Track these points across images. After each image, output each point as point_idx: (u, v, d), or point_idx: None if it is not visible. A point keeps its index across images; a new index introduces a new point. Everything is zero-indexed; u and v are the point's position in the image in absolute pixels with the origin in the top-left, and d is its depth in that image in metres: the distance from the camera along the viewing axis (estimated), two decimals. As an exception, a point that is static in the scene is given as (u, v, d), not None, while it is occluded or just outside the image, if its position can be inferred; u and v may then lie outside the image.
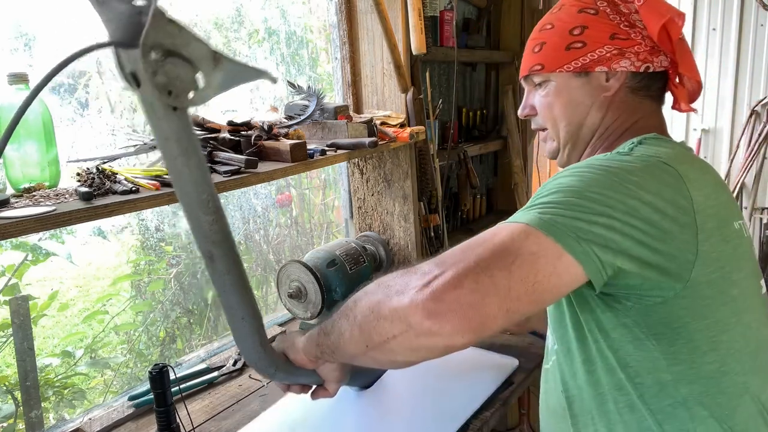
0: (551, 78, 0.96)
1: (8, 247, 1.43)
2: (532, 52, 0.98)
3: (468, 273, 0.64)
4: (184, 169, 0.59)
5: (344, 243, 1.81)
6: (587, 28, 0.92)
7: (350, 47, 1.89)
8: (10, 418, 1.40)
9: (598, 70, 0.92)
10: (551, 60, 0.95)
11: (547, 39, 0.96)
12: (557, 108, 0.97)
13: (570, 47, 0.93)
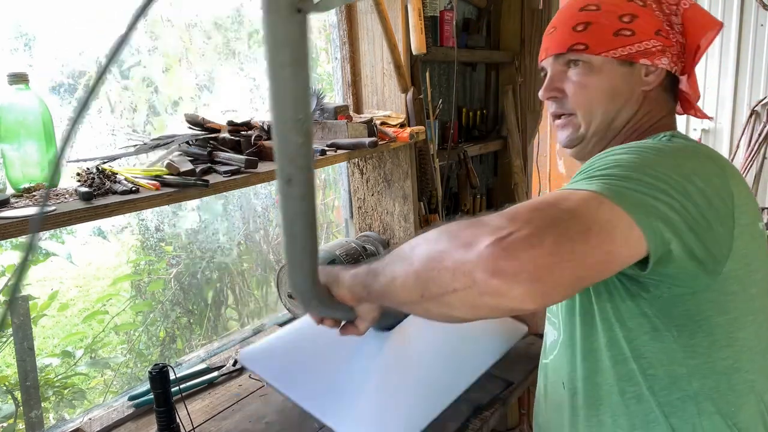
0: (593, 61, 0.90)
1: (8, 247, 1.43)
2: (572, 30, 0.91)
3: (548, 233, 0.59)
4: (290, 81, 0.54)
5: (344, 243, 1.80)
6: (637, 17, 0.89)
7: (350, 47, 1.89)
8: (10, 418, 1.40)
9: (641, 62, 0.89)
10: (597, 42, 0.89)
11: (594, 20, 0.90)
12: (596, 93, 0.91)
13: (618, 33, 0.89)
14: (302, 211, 0.64)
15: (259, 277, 2.04)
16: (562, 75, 0.94)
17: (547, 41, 0.96)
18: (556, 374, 0.94)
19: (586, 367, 0.87)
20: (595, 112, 0.92)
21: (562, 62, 0.94)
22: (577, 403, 0.89)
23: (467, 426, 1.22)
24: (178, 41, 1.62)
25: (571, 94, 0.93)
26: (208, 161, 1.24)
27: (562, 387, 0.92)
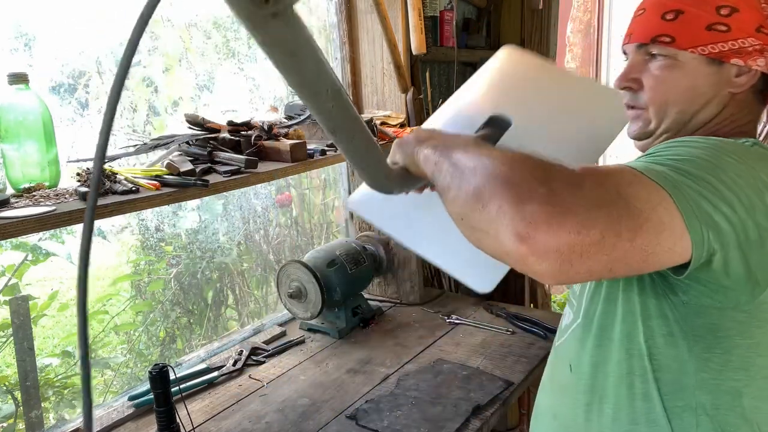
0: (678, 56, 0.82)
1: (8, 247, 1.43)
2: (661, 18, 0.83)
3: (597, 223, 0.56)
4: (298, 68, 0.56)
5: (344, 243, 1.81)
6: (738, 11, 0.80)
7: (350, 47, 1.89)
8: (10, 418, 1.40)
9: (732, 62, 0.81)
10: (686, 35, 0.81)
11: (686, 9, 0.81)
12: (675, 90, 0.84)
13: (712, 27, 0.80)
14: (356, 128, 0.69)
15: (259, 277, 2.04)
16: (641, 65, 0.86)
17: (633, 25, 0.88)
18: (565, 356, 0.92)
19: (597, 354, 0.85)
20: (669, 111, 0.85)
21: (644, 52, 0.86)
22: (580, 388, 0.87)
23: (467, 426, 1.22)
24: (178, 41, 1.62)
25: (648, 88, 0.86)
26: (208, 161, 1.25)
27: (569, 369, 0.90)
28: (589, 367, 0.87)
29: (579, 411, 0.88)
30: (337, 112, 0.63)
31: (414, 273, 1.90)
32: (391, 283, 1.98)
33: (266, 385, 1.44)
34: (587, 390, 0.87)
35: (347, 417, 1.27)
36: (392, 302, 1.96)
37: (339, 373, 1.48)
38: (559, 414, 0.93)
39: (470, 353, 1.55)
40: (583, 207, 0.57)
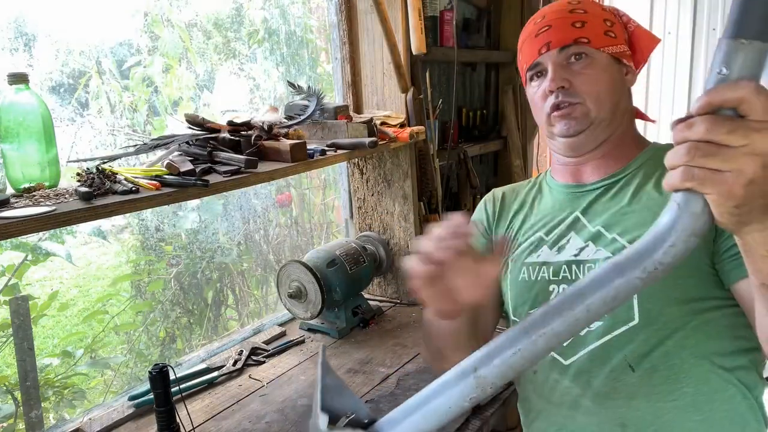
0: (595, 54, 0.96)
1: (8, 247, 1.43)
2: (571, 26, 0.97)
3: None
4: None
5: (344, 243, 1.81)
6: (614, 24, 0.99)
7: (350, 47, 1.89)
8: (10, 418, 1.40)
9: (624, 62, 0.99)
10: (596, 38, 0.96)
11: (587, 20, 0.97)
12: (603, 84, 0.96)
13: (607, 33, 0.97)
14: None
15: (259, 277, 2.04)
16: (566, 67, 0.96)
17: (544, 38, 0.98)
18: (613, 361, 0.90)
19: (671, 345, 0.87)
20: (603, 99, 0.96)
21: (564, 56, 0.96)
22: (655, 381, 0.88)
23: (467, 426, 1.22)
24: (178, 41, 1.62)
25: (581, 84, 0.95)
26: (208, 161, 1.24)
27: (630, 371, 0.88)
28: (661, 358, 0.87)
29: (661, 403, 0.88)
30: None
31: (414, 273, 1.90)
32: (391, 283, 1.98)
33: (266, 385, 1.44)
34: (665, 380, 0.87)
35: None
36: (392, 302, 1.96)
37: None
38: (629, 418, 0.89)
39: (470, 353, 1.55)
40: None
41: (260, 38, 1.88)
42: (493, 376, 0.58)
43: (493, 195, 1.16)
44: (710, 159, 0.50)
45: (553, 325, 0.56)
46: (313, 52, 2.05)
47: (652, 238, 0.55)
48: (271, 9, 1.90)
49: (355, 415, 0.69)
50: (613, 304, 0.56)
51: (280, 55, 1.94)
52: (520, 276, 1.01)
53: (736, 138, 0.49)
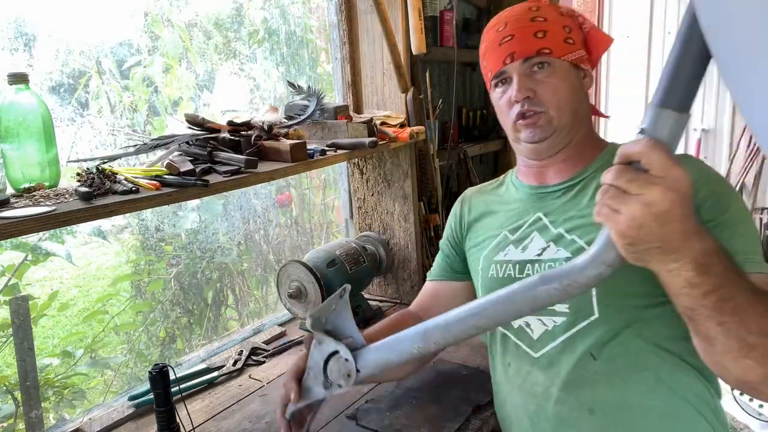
0: (556, 64, 1.01)
1: (8, 247, 1.43)
2: (533, 36, 1.01)
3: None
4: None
5: (344, 243, 1.81)
6: (572, 30, 1.03)
7: (350, 47, 1.89)
8: (10, 418, 1.40)
9: (582, 67, 1.04)
10: (557, 47, 1.01)
11: (548, 29, 1.01)
12: (564, 92, 1.01)
13: (566, 41, 1.02)
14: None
15: (259, 277, 2.04)
16: (529, 77, 1.02)
17: (507, 48, 1.03)
18: (577, 353, 0.97)
19: (629, 333, 0.94)
20: (564, 108, 1.02)
21: (528, 66, 1.02)
22: (617, 368, 0.95)
23: (467, 426, 1.22)
24: (178, 41, 1.63)
25: (544, 92, 1.01)
26: (208, 161, 1.24)
27: (591, 360, 0.96)
28: (618, 348, 0.95)
29: (622, 387, 0.95)
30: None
31: (414, 273, 1.90)
32: (391, 283, 1.98)
33: (266, 385, 1.44)
34: (625, 366, 0.94)
35: (347, 417, 1.27)
36: (392, 302, 1.96)
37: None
38: (596, 402, 0.96)
39: (470, 353, 1.55)
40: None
41: (260, 38, 1.88)
42: (436, 337, 0.79)
43: (463, 197, 1.28)
44: (613, 200, 0.63)
45: (489, 311, 0.75)
46: (313, 52, 2.05)
47: (578, 261, 0.69)
48: (271, 9, 1.90)
49: (354, 340, 0.88)
50: (534, 304, 0.72)
51: (280, 55, 1.94)
52: (489, 273, 1.10)
53: (634, 187, 0.61)
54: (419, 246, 1.90)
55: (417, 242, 1.89)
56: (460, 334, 0.78)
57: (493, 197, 1.20)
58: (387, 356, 0.85)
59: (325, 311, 0.90)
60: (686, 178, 0.61)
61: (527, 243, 1.06)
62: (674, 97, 0.61)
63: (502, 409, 1.13)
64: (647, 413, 0.94)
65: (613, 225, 0.64)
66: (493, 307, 0.74)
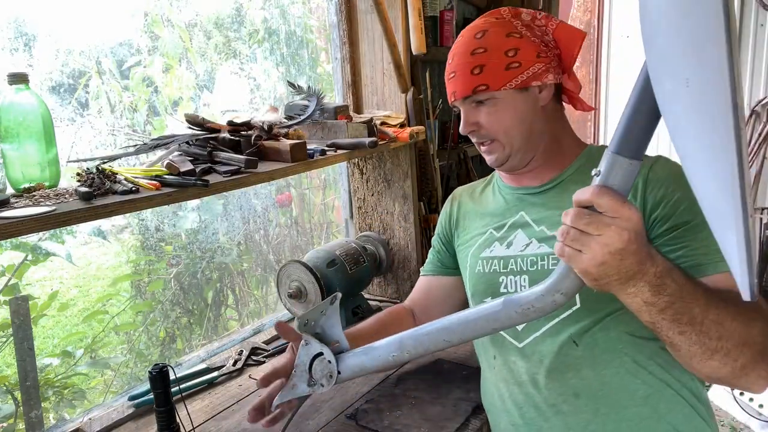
0: (495, 95, 1.06)
1: (8, 247, 1.43)
2: (470, 74, 1.05)
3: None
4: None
5: (344, 243, 1.80)
6: (519, 49, 1.04)
7: (350, 47, 1.89)
8: (10, 418, 1.40)
9: (534, 85, 1.05)
10: (494, 79, 1.04)
11: (485, 61, 1.05)
12: (507, 120, 1.06)
13: (509, 67, 1.04)
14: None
15: (259, 277, 2.04)
16: (474, 111, 1.09)
17: (451, 86, 1.10)
18: (558, 340, 1.01)
19: (608, 320, 0.98)
20: (512, 134, 1.07)
21: (470, 102, 1.08)
22: (597, 352, 0.99)
23: (467, 426, 1.22)
24: (178, 41, 1.63)
25: (488, 124, 1.07)
26: (208, 161, 1.24)
27: (574, 346, 1.00)
28: (599, 334, 0.99)
29: (604, 371, 0.98)
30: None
31: (414, 273, 1.90)
32: (391, 283, 1.98)
33: (266, 385, 1.44)
34: (605, 351, 0.98)
35: (347, 417, 1.27)
36: (392, 302, 1.96)
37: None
38: (580, 387, 1.00)
39: (470, 353, 1.55)
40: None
41: (260, 38, 1.88)
42: (410, 347, 0.89)
43: (453, 195, 1.33)
44: (574, 242, 0.70)
45: (457, 330, 0.85)
46: (313, 52, 2.05)
47: (537, 288, 0.77)
48: (271, 9, 1.90)
49: (339, 345, 0.97)
50: (496, 325, 0.82)
51: (280, 55, 1.94)
52: (476, 269, 1.15)
53: (593, 228, 0.69)
54: (419, 246, 1.90)
55: (417, 242, 1.89)
56: (431, 346, 0.88)
57: (480, 196, 1.26)
58: (365, 362, 0.94)
59: (314, 315, 0.98)
60: (636, 215, 0.69)
61: (511, 240, 1.11)
62: (628, 146, 0.67)
63: (489, 400, 1.17)
64: (630, 395, 0.97)
65: (576, 264, 0.71)
66: (460, 326, 0.84)
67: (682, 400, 0.98)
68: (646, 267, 0.72)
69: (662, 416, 0.97)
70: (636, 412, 0.97)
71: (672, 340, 0.78)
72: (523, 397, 1.06)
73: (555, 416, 1.02)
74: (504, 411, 1.10)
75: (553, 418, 1.02)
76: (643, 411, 0.97)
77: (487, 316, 0.81)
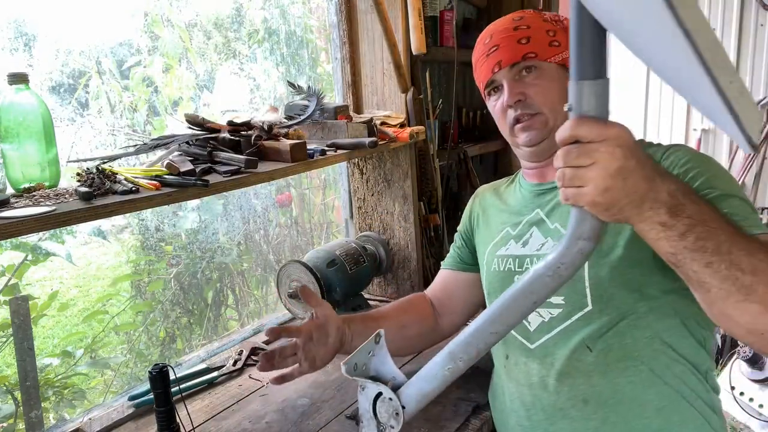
0: (544, 66, 1.05)
1: (8, 247, 1.43)
2: (517, 43, 1.05)
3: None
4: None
5: (344, 243, 1.80)
6: (556, 33, 1.06)
7: (350, 47, 1.89)
8: (10, 418, 1.40)
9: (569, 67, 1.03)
10: (542, 50, 1.04)
11: (531, 35, 1.05)
12: (555, 93, 1.04)
13: (551, 44, 1.05)
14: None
15: (259, 277, 2.04)
16: (519, 83, 1.06)
17: (494, 58, 1.07)
18: (571, 344, 0.99)
19: (624, 326, 0.96)
20: (558, 108, 1.04)
21: (516, 71, 1.06)
22: (611, 360, 0.96)
23: (467, 426, 1.22)
24: (178, 41, 1.63)
25: (535, 95, 1.05)
26: (208, 161, 1.24)
27: (587, 352, 0.98)
28: (614, 340, 0.96)
29: (618, 380, 0.96)
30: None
31: (414, 273, 1.90)
32: (391, 283, 1.98)
33: (266, 385, 1.44)
34: (620, 359, 0.96)
35: (347, 417, 1.27)
36: (392, 302, 1.96)
37: (339, 373, 1.48)
38: (590, 393, 0.98)
39: (470, 353, 1.55)
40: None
41: (260, 38, 1.88)
42: (460, 353, 0.84)
43: (476, 193, 1.32)
44: (572, 180, 0.67)
45: (499, 317, 0.79)
46: (313, 52, 2.05)
47: (558, 245, 0.72)
48: (271, 9, 1.90)
49: (395, 380, 0.93)
50: (535, 297, 0.75)
51: (280, 55, 1.94)
52: (492, 267, 1.14)
53: (584, 159, 0.65)
54: (419, 246, 1.90)
55: (417, 242, 1.89)
56: (481, 344, 0.82)
57: (502, 195, 1.24)
58: (424, 387, 0.89)
59: (361, 358, 0.95)
60: (623, 130, 0.65)
61: (527, 238, 1.09)
62: (587, 68, 0.64)
63: (499, 399, 1.16)
64: (642, 406, 0.95)
65: (583, 201, 0.67)
66: (502, 314, 0.79)
67: (696, 413, 0.96)
68: (656, 184, 0.67)
69: (673, 427, 0.94)
70: (646, 423, 0.95)
71: (699, 278, 0.69)
72: (531, 398, 1.05)
73: (562, 420, 1.01)
74: (512, 411, 1.09)
75: (560, 422, 1.01)
76: (654, 423, 0.95)
77: (523, 292, 0.76)
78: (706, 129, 3.66)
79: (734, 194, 0.88)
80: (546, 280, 0.73)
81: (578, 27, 0.64)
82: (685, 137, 3.74)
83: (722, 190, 0.88)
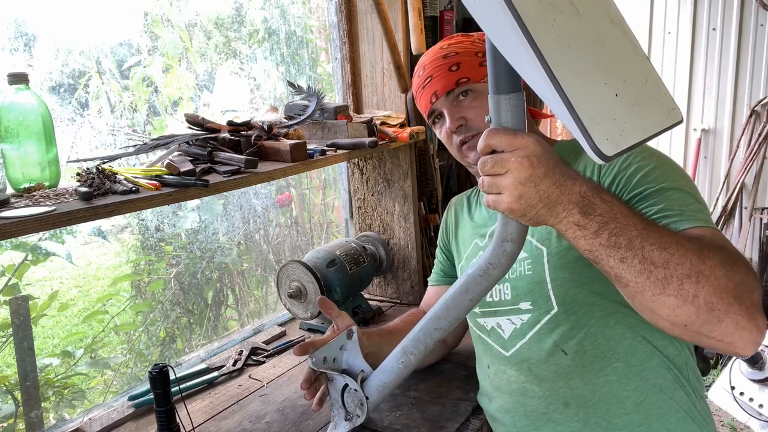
0: (477, 87, 1.09)
1: (8, 247, 1.43)
2: (449, 71, 1.09)
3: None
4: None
5: (344, 243, 1.80)
6: (485, 53, 1.07)
7: (350, 47, 1.89)
8: (10, 418, 1.40)
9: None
10: (473, 73, 1.09)
11: (460, 60, 1.10)
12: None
13: (481, 65, 1.09)
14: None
15: (259, 277, 2.04)
16: (457, 108, 1.11)
17: (429, 89, 1.12)
18: (546, 347, 1.01)
19: (595, 325, 0.97)
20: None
21: (453, 97, 1.11)
22: (587, 360, 0.98)
23: (467, 426, 1.22)
24: (178, 41, 1.63)
25: (475, 117, 1.09)
26: (208, 161, 1.24)
27: (562, 354, 0.99)
28: (587, 340, 0.98)
29: (595, 380, 0.98)
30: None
31: (414, 273, 1.90)
32: (391, 283, 1.98)
33: (266, 385, 1.44)
34: (595, 358, 0.97)
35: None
36: (392, 302, 1.96)
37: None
38: (570, 396, 0.99)
39: (470, 353, 1.55)
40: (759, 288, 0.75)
41: (260, 38, 1.88)
42: (411, 347, 0.93)
43: (449, 205, 1.36)
44: (491, 187, 0.72)
45: (441, 314, 0.89)
46: (313, 52, 2.06)
47: (487, 248, 0.80)
48: (271, 9, 1.90)
49: (364, 372, 1.01)
50: (471, 296, 0.84)
51: (280, 55, 1.94)
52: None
53: (498, 168, 0.71)
54: (419, 246, 1.90)
55: (417, 242, 1.89)
56: (428, 339, 0.92)
57: (472, 206, 1.28)
58: (383, 378, 0.97)
59: (331, 352, 1.02)
60: (530, 140, 0.70)
61: None
62: (501, 84, 0.71)
63: (488, 408, 1.18)
64: (621, 403, 0.96)
65: (501, 206, 0.72)
66: (443, 311, 0.88)
67: (675, 405, 0.97)
68: (567, 187, 0.71)
69: (654, 421, 0.96)
70: (628, 419, 0.96)
71: (616, 272, 0.72)
72: (514, 405, 1.07)
73: (546, 425, 1.02)
74: (499, 418, 1.12)
75: (544, 426, 1.02)
76: (635, 418, 0.96)
77: (461, 292, 0.84)
78: (706, 129, 3.66)
79: (675, 187, 0.88)
80: (478, 280, 0.81)
81: (491, 46, 0.70)
82: (685, 137, 3.74)
83: (661, 183, 0.89)
